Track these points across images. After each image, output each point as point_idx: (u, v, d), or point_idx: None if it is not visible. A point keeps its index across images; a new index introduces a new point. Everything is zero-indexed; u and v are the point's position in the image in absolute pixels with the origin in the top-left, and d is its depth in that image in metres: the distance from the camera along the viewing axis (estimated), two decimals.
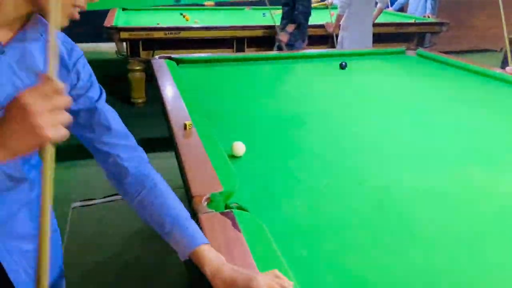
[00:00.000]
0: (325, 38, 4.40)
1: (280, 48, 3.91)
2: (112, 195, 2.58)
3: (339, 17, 4.01)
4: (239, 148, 1.39)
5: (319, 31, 4.36)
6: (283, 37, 3.87)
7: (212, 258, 0.80)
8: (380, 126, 1.78)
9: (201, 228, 0.93)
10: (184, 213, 0.88)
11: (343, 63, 2.67)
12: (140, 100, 4.28)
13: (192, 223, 0.87)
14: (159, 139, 2.74)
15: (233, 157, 1.38)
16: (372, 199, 1.18)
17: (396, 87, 2.37)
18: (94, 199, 2.57)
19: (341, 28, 4.01)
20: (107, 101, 0.92)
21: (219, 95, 2.13)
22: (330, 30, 4.21)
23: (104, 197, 2.56)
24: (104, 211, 2.49)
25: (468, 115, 1.92)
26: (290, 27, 3.82)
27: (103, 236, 2.31)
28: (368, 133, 1.70)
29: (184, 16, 4.81)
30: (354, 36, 3.91)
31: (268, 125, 1.77)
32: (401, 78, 2.58)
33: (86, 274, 2.08)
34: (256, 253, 0.85)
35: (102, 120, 0.88)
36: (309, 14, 3.86)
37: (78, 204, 2.51)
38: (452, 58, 2.85)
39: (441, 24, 4.83)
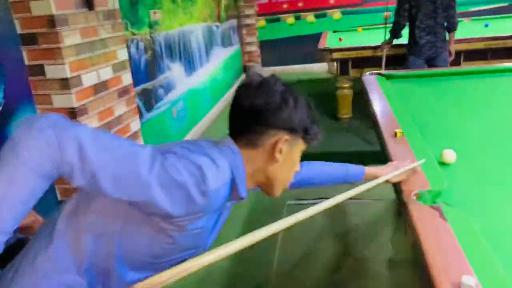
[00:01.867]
0: None
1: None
2: (319, 198, 2.91)
3: None
4: (450, 155, 1.44)
5: None
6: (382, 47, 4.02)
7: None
8: None
9: (409, 217, 1.07)
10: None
11: None
12: (346, 116, 4.55)
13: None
14: (365, 152, 2.95)
15: (443, 164, 1.44)
16: None
17: None
18: (306, 199, 2.93)
19: None
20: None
21: (430, 108, 2.16)
22: None
23: (314, 199, 2.91)
24: None
25: None
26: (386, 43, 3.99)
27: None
28: None
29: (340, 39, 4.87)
30: None
31: (482, 136, 1.73)
32: None
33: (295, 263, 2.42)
34: (463, 242, 0.93)
35: None
36: (399, 27, 3.81)
37: (292, 202, 2.91)
38: None
39: None
